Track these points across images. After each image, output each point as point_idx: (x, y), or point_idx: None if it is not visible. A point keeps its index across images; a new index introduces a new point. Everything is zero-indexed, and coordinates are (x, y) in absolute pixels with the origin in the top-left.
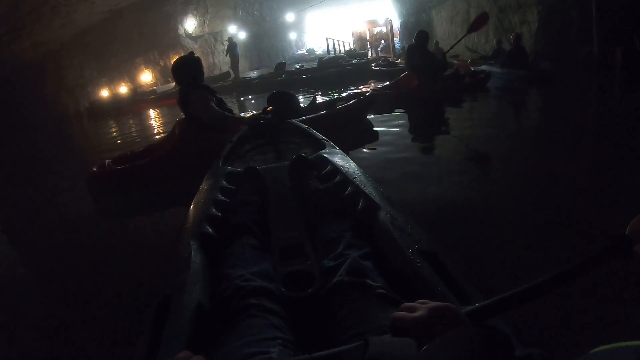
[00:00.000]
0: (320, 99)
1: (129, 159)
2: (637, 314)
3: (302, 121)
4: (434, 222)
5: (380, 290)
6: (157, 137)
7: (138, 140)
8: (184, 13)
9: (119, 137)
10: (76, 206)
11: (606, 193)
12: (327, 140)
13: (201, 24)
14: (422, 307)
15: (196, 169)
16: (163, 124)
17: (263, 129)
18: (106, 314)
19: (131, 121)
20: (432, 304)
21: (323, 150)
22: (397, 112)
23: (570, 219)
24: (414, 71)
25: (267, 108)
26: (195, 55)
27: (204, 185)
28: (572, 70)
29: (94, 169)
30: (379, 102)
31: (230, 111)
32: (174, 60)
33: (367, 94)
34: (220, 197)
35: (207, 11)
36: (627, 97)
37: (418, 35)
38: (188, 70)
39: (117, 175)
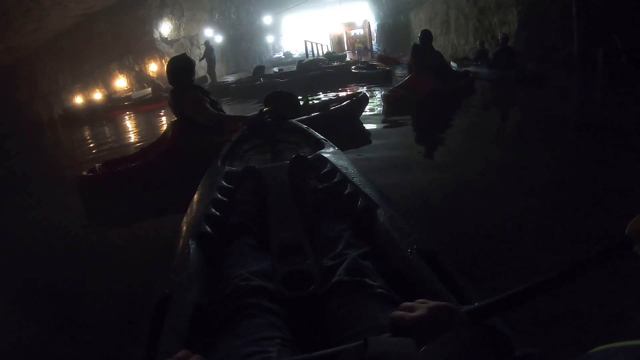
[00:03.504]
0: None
1: (120, 163)
2: (637, 313)
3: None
4: (431, 220)
5: (379, 290)
6: (134, 145)
7: (115, 147)
8: (159, 17)
9: (94, 146)
10: (62, 213)
11: (604, 193)
12: (325, 140)
13: (177, 28)
14: (421, 307)
15: (191, 171)
16: (139, 131)
17: (262, 128)
18: (104, 314)
19: (106, 128)
20: (432, 303)
21: (322, 150)
22: (409, 115)
23: (568, 219)
24: (424, 72)
25: (264, 109)
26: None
27: (202, 185)
28: (553, 70)
29: (84, 172)
30: (395, 104)
31: (224, 112)
32: (168, 60)
33: (360, 95)
34: (219, 196)
35: (182, 14)
36: (612, 95)
37: (423, 35)
38: (182, 71)
39: (110, 178)
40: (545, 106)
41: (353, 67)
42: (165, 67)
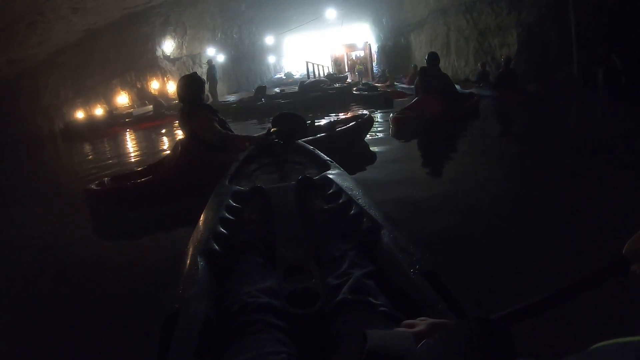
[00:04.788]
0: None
1: (129, 178)
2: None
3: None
4: (434, 240)
5: (382, 308)
6: (133, 162)
7: (116, 164)
8: (162, 34)
9: (95, 162)
10: (66, 227)
11: (602, 213)
12: (331, 161)
13: (179, 46)
14: (422, 324)
15: (199, 188)
16: (140, 148)
17: (269, 148)
18: (111, 329)
19: (107, 145)
20: (432, 320)
21: (328, 171)
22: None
23: (568, 239)
24: (432, 94)
25: (271, 129)
26: (172, 78)
27: (210, 203)
28: (553, 90)
29: (93, 186)
30: (404, 127)
31: (231, 131)
32: (179, 78)
33: (366, 116)
34: (227, 215)
35: (185, 33)
36: (612, 114)
37: (430, 57)
38: (192, 89)
39: (118, 193)
40: (547, 126)
41: (354, 88)
42: (176, 85)
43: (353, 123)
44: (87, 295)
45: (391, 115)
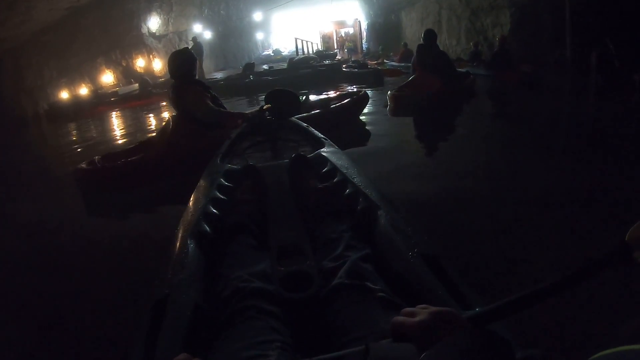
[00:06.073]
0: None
1: (120, 156)
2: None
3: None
4: (432, 223)
5: (380, 294)
6: (120, 142)
7: (101, 144)
8: (148, 11)
9: (80, 143)
10: (56, 208)
11: (604, 200)
12: (326, 139)
13: (165, 23)
14: (422, 312)
15: (191, 166)
16: (125, 128)
17: (262, 126)
18: (100, 314)
19: (92, 125)
20: (433, 308)
21: (322, 149)
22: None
23: (568, 225)
24: (430, 71)
25: (264, 106)
26: (158, 55)
27: (202, 183)
28: (545, 72)
29: (83, 165)
30: (400, 105)
31: (224, 108)
32: (170, 54)
33: (361, 93)
34: (219, 195)
35: (171, 9)
36: (606, 100)
37: (427, 34)
38: (184, 65)
39: (110, 172)
40: (541, 110)
41: (344, 66)
42: (167, 60)
43: (348, 100)
44: (76, 279)
45: (389, 92)
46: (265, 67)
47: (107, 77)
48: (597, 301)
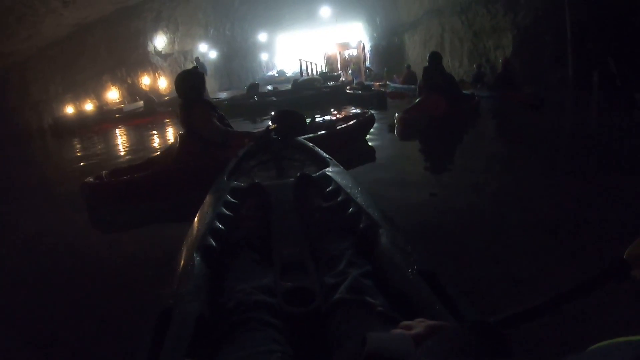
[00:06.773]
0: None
1: (127, 172)
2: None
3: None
4: (432, 241)
5: (379, 309)
6: (124, 159)
7: (105, 162)
8: (154, 30)
9: (85, 158)
10: (60, 223)
11: (603, 218)
12: (330, 159)
13: (171, 42)
14: (419, 325)
15: (197, 183)
16: (130, 145)
17: (268, 145)
18: (105, 324)
19: (96, 141)
20: (430, 322)
21: (327, 169)
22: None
23: (566, 243)
24: (435, 93)
25: (271, 126)
26: (164, 74)
27: (208, 199)
28: (548, 92)
29: (90, 179)
30: (408, 127)
31: (231, 127)
32: (178, 73)
33: (367, 115)
34: (225, 211)
35: (177, 29)
36: (608, 118)
37: (432, 56)
38: (193, 84)
39: (117, 187)
40: (545, 129)
41: (347, 87)
42: (175, 80)
43: (354, 121)
44: (82, 291)
45: (396, 114)
46: (269, 87)
47: (113, 94)
48: (592, 318)
